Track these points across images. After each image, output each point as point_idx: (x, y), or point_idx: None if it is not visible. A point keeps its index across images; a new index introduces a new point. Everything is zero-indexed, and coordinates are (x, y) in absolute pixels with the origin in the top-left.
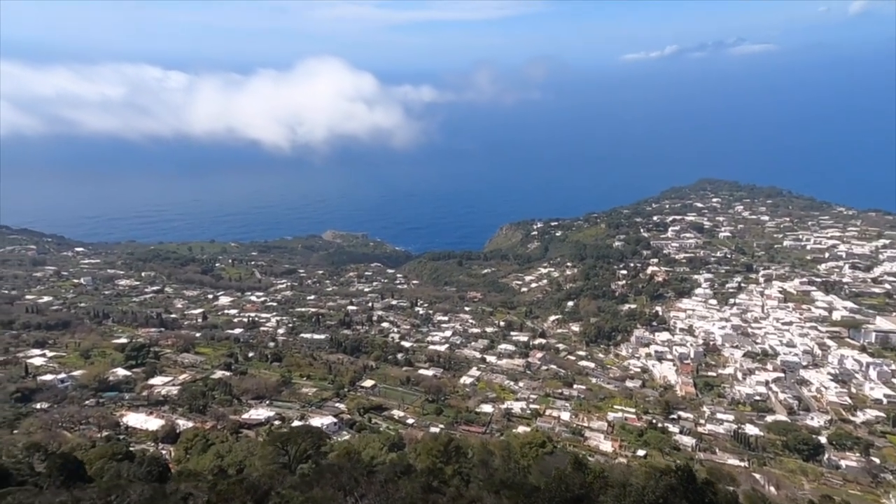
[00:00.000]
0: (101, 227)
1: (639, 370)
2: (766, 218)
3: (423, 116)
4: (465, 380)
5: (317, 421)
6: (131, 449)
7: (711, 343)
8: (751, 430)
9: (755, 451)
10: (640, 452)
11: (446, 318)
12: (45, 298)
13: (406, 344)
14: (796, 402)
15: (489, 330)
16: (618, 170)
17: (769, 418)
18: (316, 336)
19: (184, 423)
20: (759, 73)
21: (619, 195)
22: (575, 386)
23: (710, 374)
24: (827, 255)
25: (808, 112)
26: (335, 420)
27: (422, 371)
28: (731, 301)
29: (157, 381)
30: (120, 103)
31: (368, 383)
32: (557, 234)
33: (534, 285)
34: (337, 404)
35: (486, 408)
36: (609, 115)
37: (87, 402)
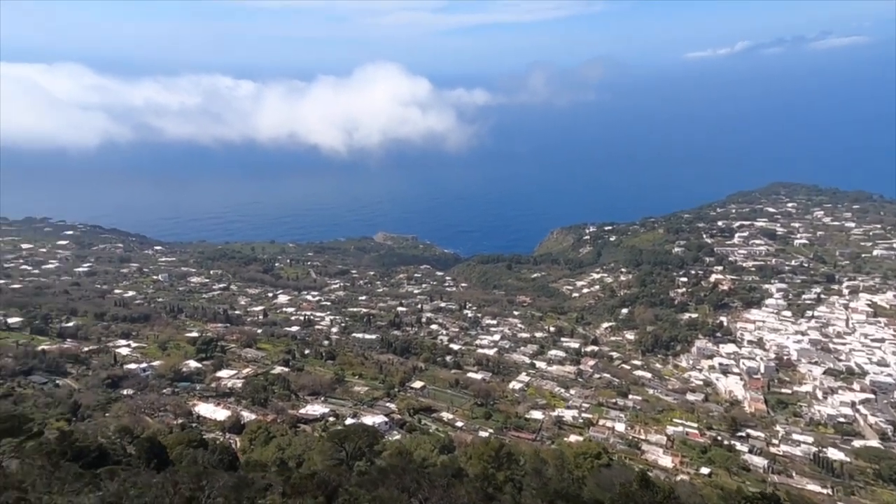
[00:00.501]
0: (176, 227)
1: (701, 383)
2: (852, 224)
3: (476, 120)
4: (515, 385)
5: (369, 419)
6: (204, 437)
7: (785, 357)
8: (834, 454)
9: (840, 478)
10: (705, 470)
11: (495, 322)
12: (130, 293)
13: (455, 346)
14: (890, 428)
15: (539, 335)
16: (677, 173)
17: (857, 443)
18: (367, 336)
19: (247, 415)
20: (845, 68)
21: (679, 199)
22: (630, 396)
23: (783, 391)
24: None
25: None
26: (386, 419)
27: (470, 374)
28: (809, 313)
29: (223, 373)
30: (196, 111)
31: (418, 384)
32: (611, 239)
33: (586, 291)
34: (388, 404)
35: (536, 414)
36: (669, 116)
37: (164, 390)
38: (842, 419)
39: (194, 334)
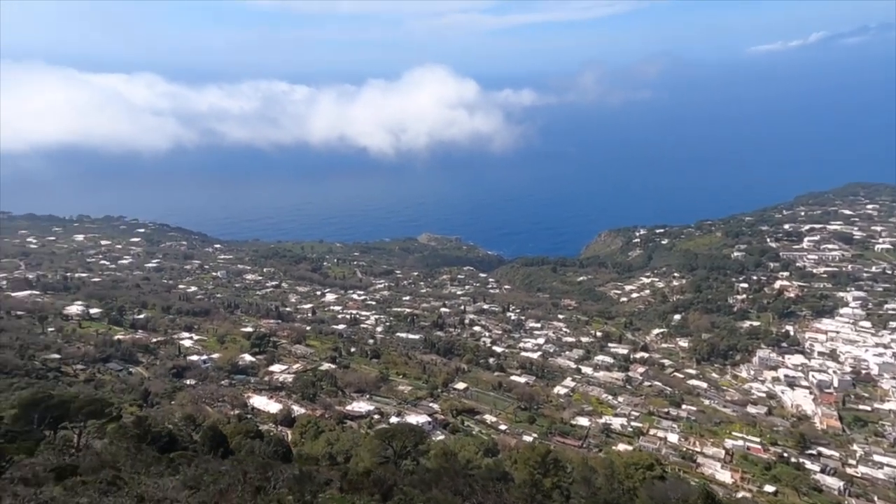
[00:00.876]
0: (233, 226)
1: (763, 395)
2: None
3: (524, 120)
4: (560, 390)
5: (412, 419)
6: (260, 429)
7: (863, 372)
8: None
9: None
10: (769, 488)
11: (539, 325)
12: (192, 288)
13: (498, 349)
14: None
15: (584, 340)
16: (737, 174)
17: None
18: (411, 336)
19: (297, 409)
20: None
21: (739, 201)
22: (684, 406)
23: (861, 407)
24: None
25: None
26: (430, 419)
27: (514, 377)
28: (893, 325)
29: (275, 368)
30: (254, 116)
31: (461, 386)
32: (663, 242)
33: (635, 295)
34: (431, 404)
35: (583, 421)
36: (731, 113)
37: (222, 382)
38: None
39: (249, 329)
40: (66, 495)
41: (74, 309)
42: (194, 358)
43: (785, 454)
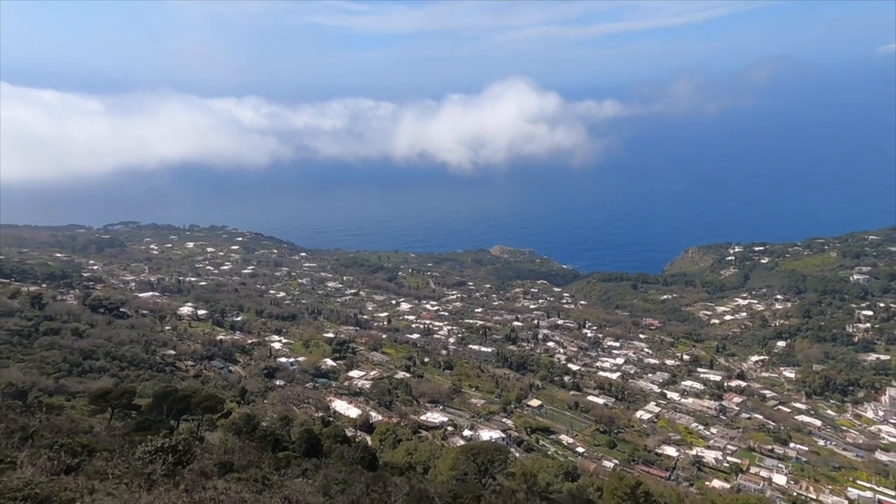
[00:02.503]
0: (318, 236)
1: (895, 440)
2: None
3: (608, 133)
4: (642, 415)
5: (486, 433)
6: (346, 434)
7: None
8: None
9: None
10: None
11: (618, 344)
12: (281, 294)
13: (573, 367)
14: None
15: (669, 363)
16: (857, 187)
17: None
18: (483, 349)
19: (374, 416)
20: None
21: (858, 218)
22: (791, 444)
23: None
24: None
25: None
26: (503, 435)
27: (591, 398)
28: None
29: (354, 373)
30: (342, 132)
31: (535, 402)
32: (763, 261)
33: (728, 318)
34: (504, 419)
35: (669, 450)
36: (850, 119)
37: (307, 384)
38: None
39: (330, 335)
40: (230, 490)
41: (186, 310)
42: (283, 360)
43: None
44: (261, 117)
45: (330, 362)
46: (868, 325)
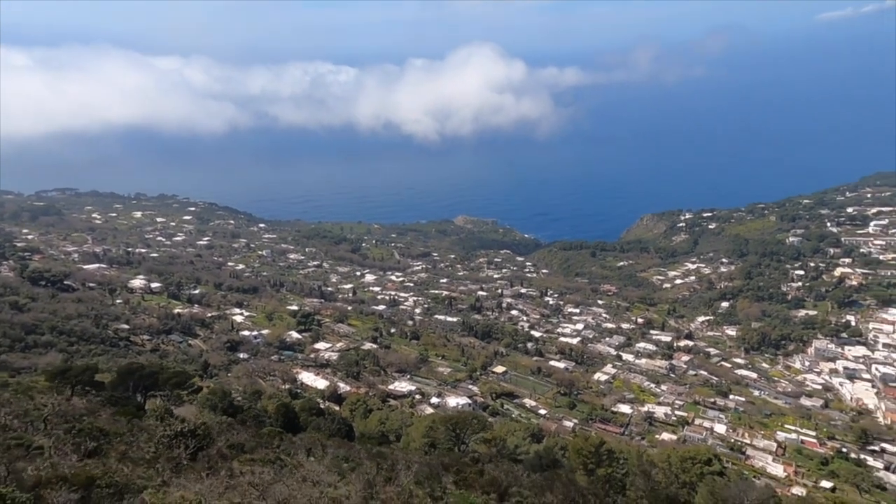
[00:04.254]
0: (277, 206)
1: (819, 388)
2: None
3: (573, 103)
4: (600, 376)
5: (452, 400)
6: (321, 407)
7: None
8: None
9: None
10: (825, 484)
11: (578, 311)
12: (240, 266)
13: (536, 333)
14: None
15: (625, 326)
16: (796, 154)
17: None
18: (449, 318)
19: (343, 386)
20: None
21: (796, 183)
22: (731, 396)
23: None
24: None
25: None
26: (469, 401)
27: (553, 363)
28: None
29: (320, 345)
30: (303, 98)
31: (499, 369)
32: (710, 227)
33: (679, 282)
34: (470, 386)
35: (624, 408)
36: (792, 89)
37: (272, 357)
38: None
39: (294, 307)
40: (256, 472)
41: (137, 283)
42: (246, 333)
43: (844, 449)
44: (213, 80)
45: (295, 335)
46: (800, 283)
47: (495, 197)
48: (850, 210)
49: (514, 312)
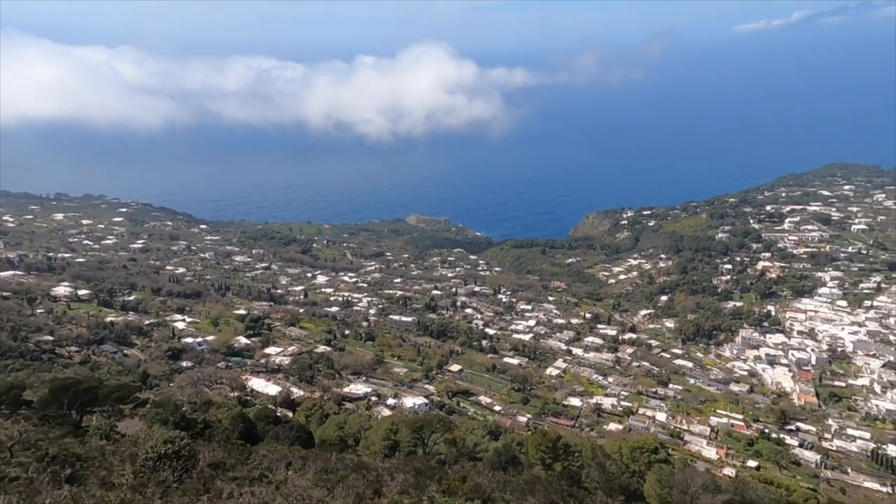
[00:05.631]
0: (220, 207)
1: (745, 374)
2: None
3: (523, 104)
4: (551, 371)
5: (409, 401)
6: (278, 414)
7: (839, 349)
8: (894, 451)
9: None
10: (752, 463)
11: (530, 308)
12: (181, 270)
13: (490, 331)
14: None
15: (574, 321)
16: (723, 155)
17: None
18: (404, 318)
19: (296, 391)
20: None
21: (724, 183)
22: (670, 385)
23: (836, 383)
24: None
25: None
26: (426, 401)
27: (507, 359)
28: (867, 304)
29: (271, 350)
30: (247, 94)
31: (455, 368)
32: (650, 224)
33: (623, 277)
34: (426, 385)
35: (574, 401)
36: (716, 94)
37: (219, 364)
38: None
39: (242, 312)
40: (251, 492)
41: (62, 290)
42: (189, 340)
43: (766, 430)
44: (147, 74)
45: (243, 340)
46: (728, 277)
47: (448, 196)
48: (768, 208)
49: (468, 311)
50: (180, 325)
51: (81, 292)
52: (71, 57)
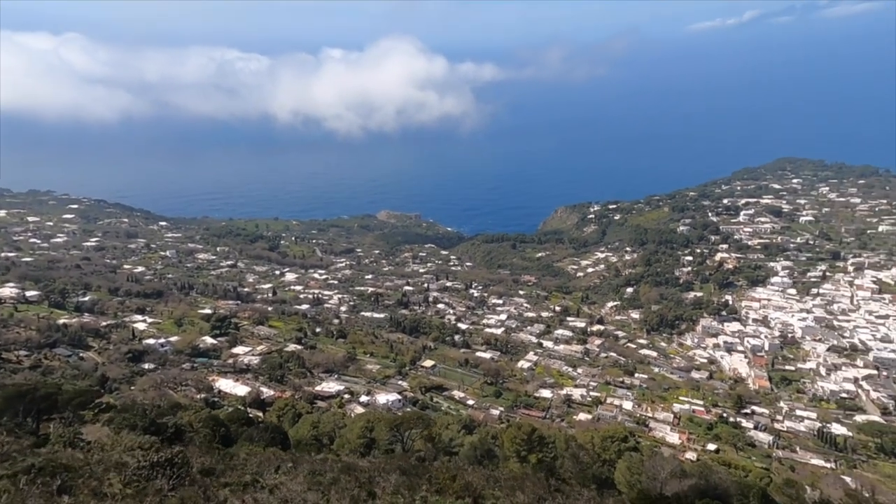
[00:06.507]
0: (181, 203)
1: (705, 361)
2: (858, 200)
3: (494, 99)
4: (523, 364)
5: (382, 398)
6: (250, 416)
7: (789, 335)
8: (837, 429)
9: (843, 452)
10: (711, 447)
11: (501, 302)
12: (140, 268)
13: (462, 326)
14: (892, 402)
15: (545, 314)
16: (683, 149)
17: (859, 418)
18: (376, 315)
19: (266, 391)
20: (857, 36)
21: (684, 177)
22: (636, 375)
23: (787, 367)
24: None
25: None
26: (399, 397)
27: (479, 353)
28: (814, 291)
29: (239, 350)
30: (209, 86)
31: (428, 363)
32: (616, 218)
33: (590, 270)
34: (400, 382)
35: (545, 393)
36: (676, 90)
37: (183, 365)
38: (844, 395)
39: (207, 311)
40: (257, 500)
41: (7, 291)
42: (151, 341)
43: (724, 414)
44: (99, 64)
45: (209, 340)
46: (689, 268)
47: (419, 191)
48: (725, 201)
49: (440, 306)
50: (141, 326)
51: (30, 293)
52: (12, 43)
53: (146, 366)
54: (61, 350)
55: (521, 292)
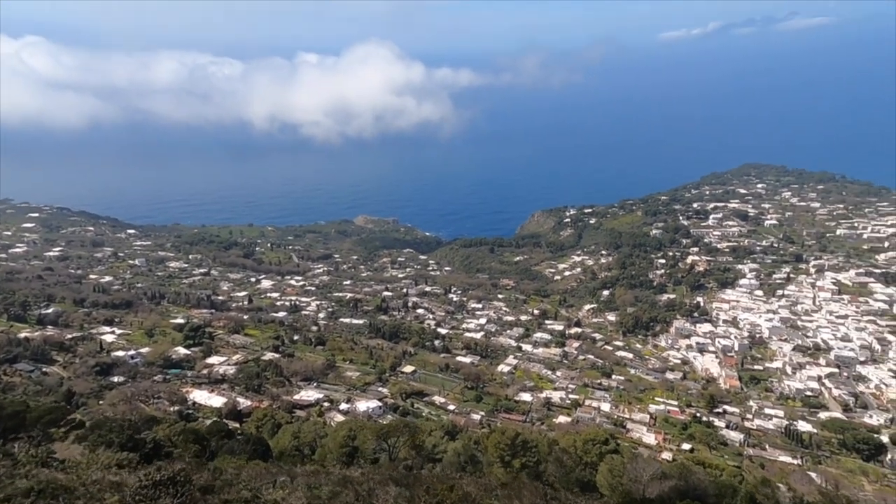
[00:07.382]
0: (150, 210)
1: (679, 362)
2: (817, 205)
3: (472, 105)
4: (503, 368)
5: (362, 405)
6: (230, 428)
7: (757, 336)
8: (803, 426)
9: (809, 448)
10: (686, 446)
11: (480, 306)
12: (107, 278)
13: (442, 331)
14: (853, 399)
15: (523, 318)
16: (654, 155)
17: (823, 415)
18: (355, 321)
19: (243, 402)
20: (811, 49)
21: (656, 181)
22: (613, 377)
23: (756, 367)
24: (886, 244)
25: (865, 91)
26: (380, 404)
27: (459, 358)
28: (779, 292)
29: (213, 360)
30: (181, 91)
31: (409, 369)
32: (591, 222)
33: (567, 273)
34: (380, 388)
35: (525, 396)
36: (648, 98)
37: (155, 377)
38: (808, 393)
39: (180, 321)
40: None
41: None
42: (120, 354)
43: (698, 414)
44: (64, 69)
45: (183, 350)
46: (662, 271)
47: (397, 196)
48: (695, 205)
49: (420, 311)
50: (109, 338)
51: None
52: None
53: (115, 379)
54: (23, 365)
55: (500, 296)
